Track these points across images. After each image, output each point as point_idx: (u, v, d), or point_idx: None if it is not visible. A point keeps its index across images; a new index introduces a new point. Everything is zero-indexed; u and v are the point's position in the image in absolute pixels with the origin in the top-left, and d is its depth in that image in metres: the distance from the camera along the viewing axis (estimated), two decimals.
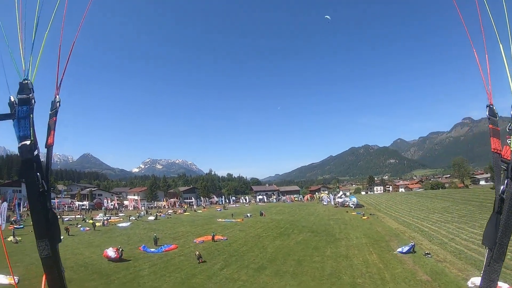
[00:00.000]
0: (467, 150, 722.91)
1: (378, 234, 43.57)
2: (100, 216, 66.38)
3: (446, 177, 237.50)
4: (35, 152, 2.01)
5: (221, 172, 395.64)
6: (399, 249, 32.68)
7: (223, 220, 66.40)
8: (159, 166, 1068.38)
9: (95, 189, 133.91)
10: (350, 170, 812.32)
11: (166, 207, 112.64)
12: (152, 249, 35.50)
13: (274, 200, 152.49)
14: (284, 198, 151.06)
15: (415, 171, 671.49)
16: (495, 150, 2.27)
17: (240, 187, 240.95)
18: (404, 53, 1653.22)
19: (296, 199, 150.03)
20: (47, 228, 2.00)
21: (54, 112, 2.18)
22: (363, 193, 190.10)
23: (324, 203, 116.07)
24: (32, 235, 2.00)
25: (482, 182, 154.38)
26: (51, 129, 2.12)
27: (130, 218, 72.01)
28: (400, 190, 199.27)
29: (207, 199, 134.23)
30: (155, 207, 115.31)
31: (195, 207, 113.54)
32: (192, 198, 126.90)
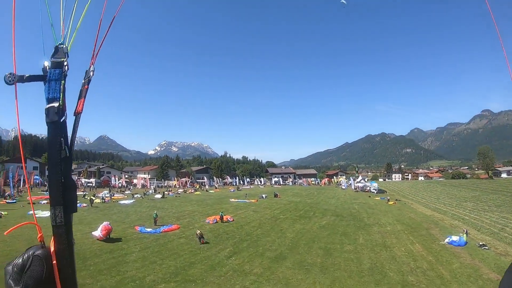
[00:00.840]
0: (485, 142, 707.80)
1: (413, 221, 37.96)
2: (104, 193, 62.38)
3: (464, 168, 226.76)
4: (62, 118, 1.93)
5: (236, 155, 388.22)
6: (448, 239, 26.80)
7: (236, 200, 61.10)
8: (174, 149, 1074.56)
9: (103, 166, 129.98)
10: (366, 158, 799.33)
11: (177, 186, 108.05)
12: (149, 229, 30.27)
13: (290, 183, 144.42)
14: (301, 181, 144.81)
15: (431, 161, 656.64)
16: None
17: (255, 170, 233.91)
18: (424, 42, 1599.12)
19: (313, 182, 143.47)
20: (63, 195, 1.87)
21: (87, 81, 2.11)
22: (381, 180, 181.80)
23: (343, 187, 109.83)
24: (20, 211, 1.31)
25: (504, 175, 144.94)
26: (81, 96, 2.05)
27: (135, 196, 68.47)
28: (420, 178, 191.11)
29: (220, 179, 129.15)
30: (166, 186, 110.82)
31: (207, 187, 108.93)
32: (205, 178, 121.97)
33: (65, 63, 1.99)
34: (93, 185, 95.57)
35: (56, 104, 1.90)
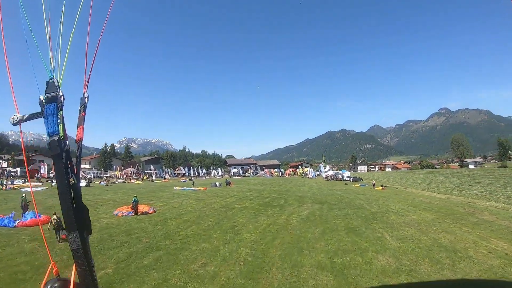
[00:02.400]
0: (442, 139, 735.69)
1: (437, 206, 26.25)
2: (17, 181, 57.20)
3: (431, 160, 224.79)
4: (65, 147, 2.05)
5: (196, 150, 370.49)
6: None
7: (180, 188, 46.41)
8: (134, 146, 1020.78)
9: (33, 154, 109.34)
10: (327, 154, 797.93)
11: (119, 176, 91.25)
12: (6, 221, 18.05)
13: (252, 174, 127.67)
14: (263, 172, 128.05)
15: (391, 157, 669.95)
16: None
17: (215, 164, 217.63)
18: (385, 41, 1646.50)
19: (276, 173, 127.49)
20: (77, 221, 2.01)
21: (83, 108, 2.21)
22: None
23: (310, 176, 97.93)
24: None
25: (471, 166, 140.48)
26: (80, 124, 2.14)
27: (46, 183, 54.86)
28: (387, 169, 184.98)
29: (171, 169, 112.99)
30: (108, 176, 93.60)
31: (154, 177, 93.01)
32: (151, 167, 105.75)
33: (60, 94, 2.07)
34: (18, 174, 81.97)
35: (56, 138, 2.00)
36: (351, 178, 74.82)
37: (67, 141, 2.04)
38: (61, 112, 2.06)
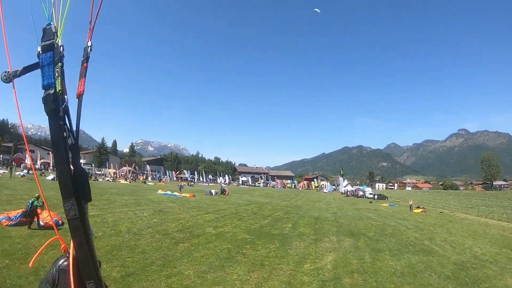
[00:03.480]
0: (460, 161, 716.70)
1: None
2: None
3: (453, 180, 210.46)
4: (63, 104, 1.75)
5: (209, 156, 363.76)
6: None
7: (163, 192, 36.67)
8: (150, 148, 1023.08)
9: (20, 143, 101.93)
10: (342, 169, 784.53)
11: (113, 174, 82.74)
12: None
13: (262, 184, 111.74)
14: (274, 183, 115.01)
15: (406, 176, 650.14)
16: None
17: (227, 172, 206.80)
18: (404, 59, 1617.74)
19: (289, 185, 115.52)
20: (73, 187, 1.74)
21: (85, 58, 1.94)
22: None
23: (326, 190, 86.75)
24: None
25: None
26: (82, 76, 1.88)
27: (16, 174, 47.07)
28: (407, 188, 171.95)
29: (173, 172, 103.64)
30: (101, 174, 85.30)
31: (149, 178, 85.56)
32: (148, 168, 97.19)
33: (60, 44, 1.76)
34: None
35: (51, 91, 1.69)
36: (375, 196, 63.82)
37: (66, 96, 1.74)
38: (60, 64, 1.72)
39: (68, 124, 1.75)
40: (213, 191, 42.13)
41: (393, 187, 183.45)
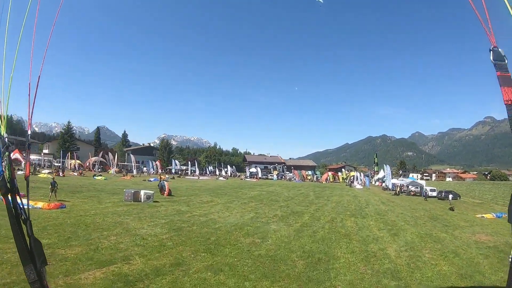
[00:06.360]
0: (486, 149, 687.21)
1: None
2: None
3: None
4: (13, 186, 2.05)
5: (227, 147, 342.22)
6: None
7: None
8: (173, 142, 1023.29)
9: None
10: (366, 159, 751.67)
11: (74, 167, 63.48)
12: None
13: (275, 176, 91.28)
14: (291, 175, 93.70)
15: (432, 165, 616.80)
16: (508, 102, 1.95)
17: (244, 163, 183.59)
18: (430, 48, 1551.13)
19: (309, 177, 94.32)
20: (30, 254, 2.04)
21: (27, 146, 2.32)
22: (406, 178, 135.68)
23: (358, 186, 64.42)
24: None
25: None
26: (26, 161, 2.19)
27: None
28: (447, 179, 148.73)
29: (153, 163, 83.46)
30: (65, 167, 66.05)
31: (134, 171, 70.11)
32: (133, 159, 77.58)
33: (3, 136, 2.06)
34: None
35: (0, 178, 1.99)
36: (442, 193, 41.40)
37: (15, 179, 2.01)
38: (6, 153, 2.01)
39: (21, 203, 2.03)
40: (143, 193, 21.90)
41: (429, 177, 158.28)
